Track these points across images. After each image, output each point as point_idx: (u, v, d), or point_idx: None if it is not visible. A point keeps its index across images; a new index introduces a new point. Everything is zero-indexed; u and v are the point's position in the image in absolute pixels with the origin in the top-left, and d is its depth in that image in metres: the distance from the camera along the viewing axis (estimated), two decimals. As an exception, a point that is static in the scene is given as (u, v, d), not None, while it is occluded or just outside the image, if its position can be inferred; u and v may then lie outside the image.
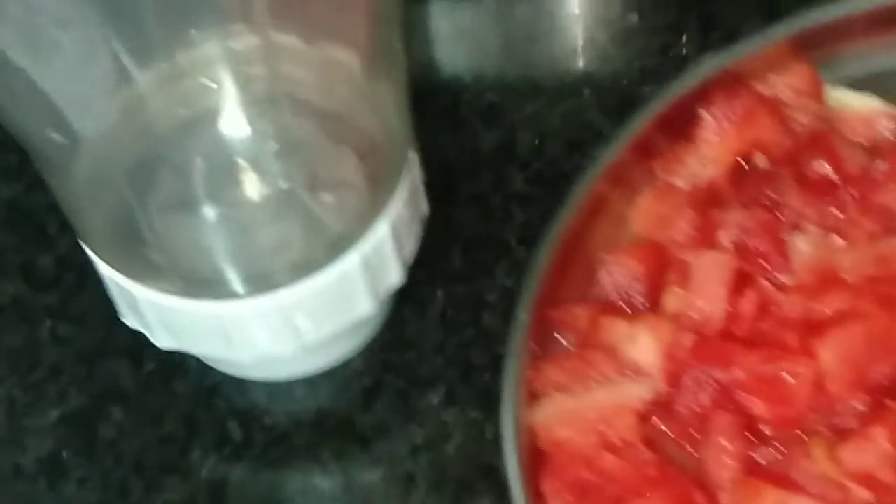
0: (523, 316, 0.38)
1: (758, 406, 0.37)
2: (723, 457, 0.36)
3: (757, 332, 0.39)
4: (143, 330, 0.40)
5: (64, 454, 0.42)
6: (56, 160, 0.37)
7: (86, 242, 0.39)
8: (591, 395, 0.39)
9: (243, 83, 0.38)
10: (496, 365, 0.41)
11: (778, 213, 0.41)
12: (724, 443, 0.36)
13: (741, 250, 0.40)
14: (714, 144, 0.43)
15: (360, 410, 0.42)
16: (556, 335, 0.41)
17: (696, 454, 0.37)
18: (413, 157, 0.40)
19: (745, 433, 0.37)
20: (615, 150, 0.42)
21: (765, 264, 0.40)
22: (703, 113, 0.42)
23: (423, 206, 0.41)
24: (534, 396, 0.39)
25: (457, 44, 0.53)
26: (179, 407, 0.43)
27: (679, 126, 0.43)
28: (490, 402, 0.40)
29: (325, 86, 0.39)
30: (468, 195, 0.45)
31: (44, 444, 0.42)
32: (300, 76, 0.38)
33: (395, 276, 0.40)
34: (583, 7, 0.53)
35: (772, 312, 0.39)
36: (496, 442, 0.39)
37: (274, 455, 0.41)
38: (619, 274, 0.41)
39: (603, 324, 0.40)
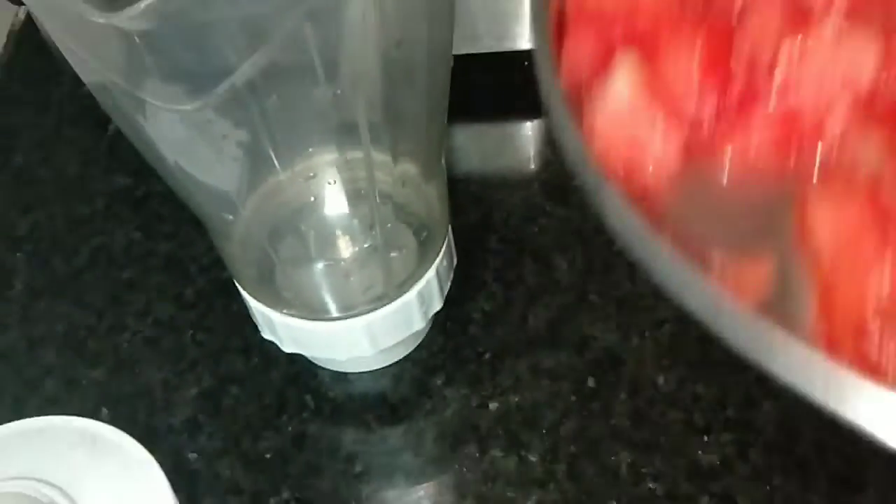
0: None
1: None
2: None
3: None
4: (275, 341, 0.40)
5: (199, 417, 0.42)
6: (222, 229, 0.38)
7: (240, 283, 0.39)
8: None
9: (350, 181, 0.39)
10: (479, 358, 0.43)
11: None
12: None
13: None
14: None
15: (390, 389, 0.42)
16: None
17: None
18: (449, 229, 0.40)
19: None
20: None
21: None
22: None
23: (454, 259, 0.41)
24: None
25: (452, 155, 0.50)
26: (274, 387, 0.43)
27: None
28: (479, 384, 0.42)
29: (398, 184, 0.39)
30: (461, 251, 0.43)
31: (186, 410, 0.42)
32: (385, 178, 0.38)
33: (437, 304, 0.40)
34: (534, 130, 0.52)
35: None
36: (482, 407, 0.41)
37: (336, 418, 0.42)
38: None
39: None
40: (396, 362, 0.43)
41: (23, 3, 0.55)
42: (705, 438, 0.40)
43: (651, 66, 0.20)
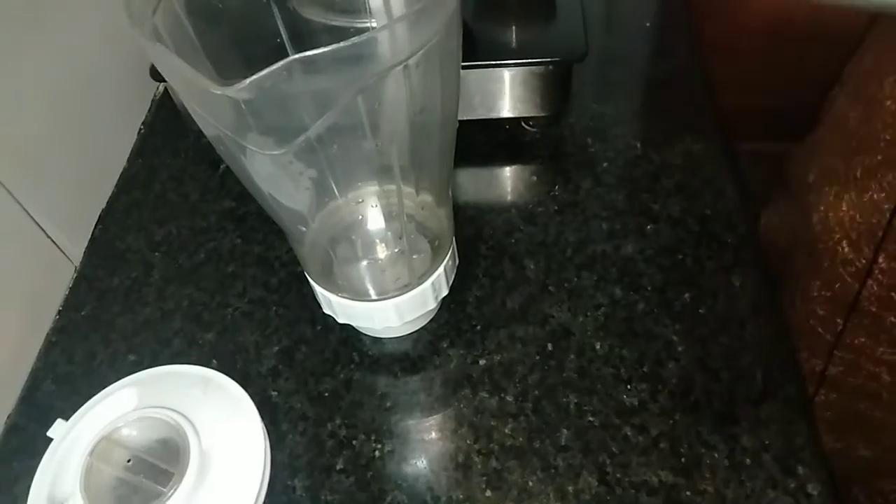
0: None
1: None
2: None
3: None
4: (332, 314, 0.39)
5: (279, 367, 0.42)
6: (297, 237, 0.38)
7: (309, 275, 0.39)
8: None
9: (386, 205, 0.38)
10: (473, 329, 0.42)
11: None
12: None
13: None
14: None
15: (411, 349, 0.42)
16: None
17: None
18: (453, 239, 0.40)
19: None
20: None
21: None
22: None
23: (457, 260, 0.41)
24: None
25: (456, 189, 0.50)
26: (331, 346, 0.42)
27: None
28: (472, 347, 0.41)
29: (419, 208, 0.38)
30: (461, 255, 0.42)
31: (270, 362, 0.42)
32: (410, 204, 0.37)
33: (445, 291, 0.40)
34: (512, 173, 0.51)
35: None
36: (474, 363, 0.41)
37: (373, 369, 0.41)
38: None
39: None
40: (416, 331, 0.43)
41: (162, 81, 0.55)
42: (628, 387, 0.39)
43: None
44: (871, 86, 0.35)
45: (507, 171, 0.52)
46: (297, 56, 0.23)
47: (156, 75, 0.49)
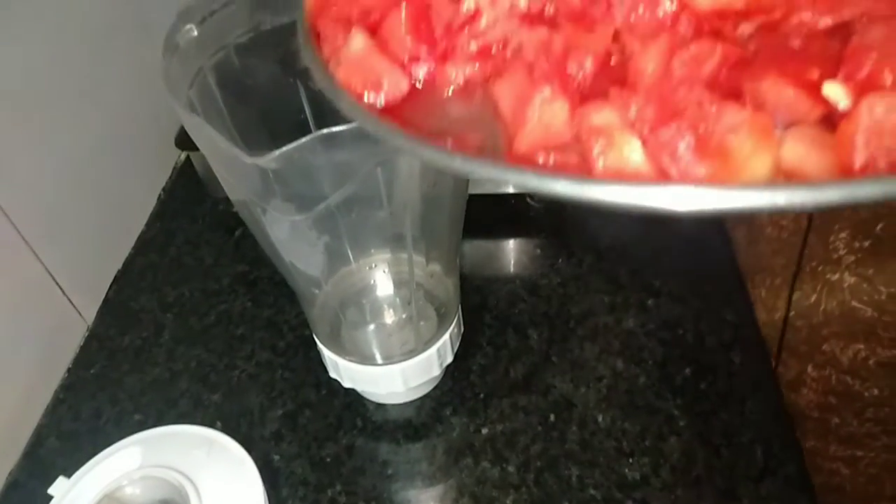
0: None
1: None
2: None
3: None
4: (338, 378, 0.40)
5: (282, 430, 0.42)
6: (309, 299, 0.38)
7: (317, 337, 0.39)
8: None
9: (397, 272, 0.39)
10: (476, 397, 0.42)
11: None
12: None
13: None
14: None
15: (414, 416, 0.42)
16: None
17: None
18: (459, 308, 0.40)
19: None
20: None
21: None
22: None
23: (462, 328, 0.41)
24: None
25: (463, 260, 0.50)
26: (335, 411, 0.42)
27: None
28: (475, 415, 0.41)
29: (428, 277, 0.39)
30: (466, 323, 0.42)
31: (274, 425, 0.42)
32: (419, 272, 0.38)
33: (449, 358, 0.40)
34: (515, 246, 0.52)
35: None
36: (477, 432, 0.40)
37: (376, 435, 0.41)
38: None
39: None
40: (419, 398, 0.43)
41: (185, 149, 0.57)
42: (630, 460, 0.39)
43: (376, 35, 0.18)
44: None
45: (512, 244, 0.53)
46: (322, 131, 0.25)
47: (180, 143, 0.51)
